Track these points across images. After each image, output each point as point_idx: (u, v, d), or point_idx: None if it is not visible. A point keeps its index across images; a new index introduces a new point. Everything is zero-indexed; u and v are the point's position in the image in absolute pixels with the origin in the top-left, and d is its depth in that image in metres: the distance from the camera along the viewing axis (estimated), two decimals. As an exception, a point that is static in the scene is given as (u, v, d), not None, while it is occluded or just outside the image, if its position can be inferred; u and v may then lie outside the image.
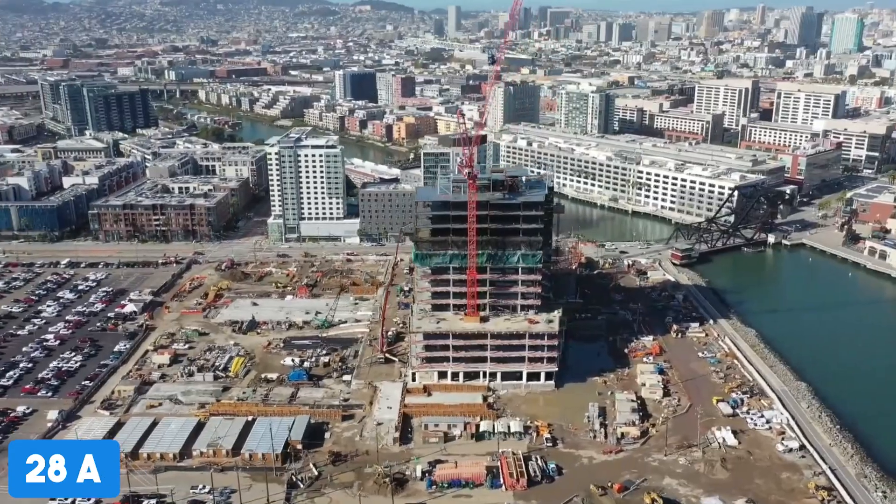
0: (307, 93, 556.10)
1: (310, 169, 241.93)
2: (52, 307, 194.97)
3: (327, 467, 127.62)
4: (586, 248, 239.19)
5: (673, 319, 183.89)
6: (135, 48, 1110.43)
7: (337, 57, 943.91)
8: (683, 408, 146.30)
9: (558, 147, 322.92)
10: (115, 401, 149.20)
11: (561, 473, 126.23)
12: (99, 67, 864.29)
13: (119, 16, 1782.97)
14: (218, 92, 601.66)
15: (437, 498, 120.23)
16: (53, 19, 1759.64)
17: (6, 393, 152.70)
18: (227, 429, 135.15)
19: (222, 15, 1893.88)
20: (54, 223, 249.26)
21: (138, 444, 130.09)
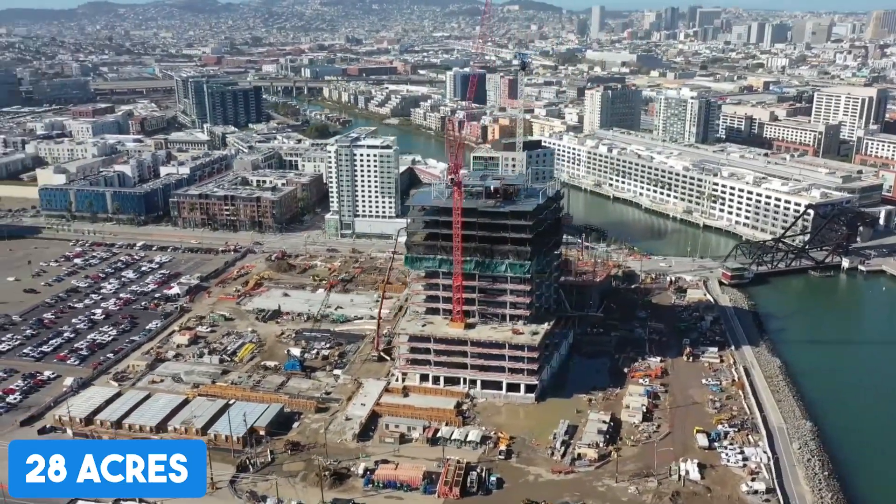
0: (421, 92, 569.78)
1: (364, 168, 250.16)
2: (112, 285, 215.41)
3: (283, 455, 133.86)
4: (634, 260, 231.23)
5: (691, 342, 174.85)
6: (285, 46, 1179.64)
7: (468, 56, 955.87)
8: (660, 434, 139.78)
9: (638, 155, 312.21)
10: (127, 374, 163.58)
11: (501, 487, 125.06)
12: (247, 64, 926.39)
13: (281, 15, 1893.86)
14: (340, 90, 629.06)
15: (370, 496, 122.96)
16: (223, 19, 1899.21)
17: (43, 358, 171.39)
18: (206, 409, 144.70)
19: (376, 14, 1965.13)
20: (141, 208, 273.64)
21: (124, 416, 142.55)
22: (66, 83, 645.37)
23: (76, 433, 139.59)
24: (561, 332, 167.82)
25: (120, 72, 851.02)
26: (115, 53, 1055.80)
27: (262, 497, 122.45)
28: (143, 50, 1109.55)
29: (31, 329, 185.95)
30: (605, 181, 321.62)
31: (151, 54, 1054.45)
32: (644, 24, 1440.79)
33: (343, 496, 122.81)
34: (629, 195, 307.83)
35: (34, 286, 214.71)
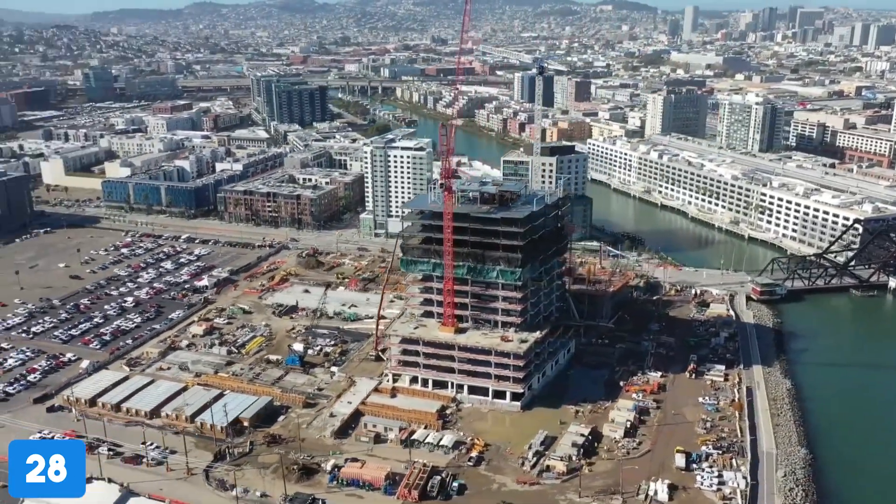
0: (489, 93, 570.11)
1: (398, 168, 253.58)
2: (150, 274, 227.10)
3: (261, 447, 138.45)
4: (664, 270, 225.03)
5: (698, 358, 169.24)
6: (371, 46, 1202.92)
7: (549, 57, 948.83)
8: (639, 452, 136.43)
9: (688, 162, 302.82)
10: (140, 360, 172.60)
11: (462, 493, 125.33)
12: (331, 64, 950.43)
13: (373, 15, 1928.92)
14: (412, 90, 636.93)
15: (332, 493, 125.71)
16: (318, 18, 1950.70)
17: (70, 341, 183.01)
18: (200, 398, 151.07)
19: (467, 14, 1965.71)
20: (191, 202, 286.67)
21: (124, 399, 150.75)
22: (155, 80, 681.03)
23: (80, 413, 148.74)
24: (559, 342, 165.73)
25: (210, 70, 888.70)
26: (210, 52, 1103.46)
27: (230, 486, 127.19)
28: (235, 49, 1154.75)
29: (67, 313, 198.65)
30: (655, 188, 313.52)
31: (243, 53, 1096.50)
32: (740, 25, 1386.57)
33: (307, 490, 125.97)
34: (677, 203, 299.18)
35: (80, 273, 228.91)
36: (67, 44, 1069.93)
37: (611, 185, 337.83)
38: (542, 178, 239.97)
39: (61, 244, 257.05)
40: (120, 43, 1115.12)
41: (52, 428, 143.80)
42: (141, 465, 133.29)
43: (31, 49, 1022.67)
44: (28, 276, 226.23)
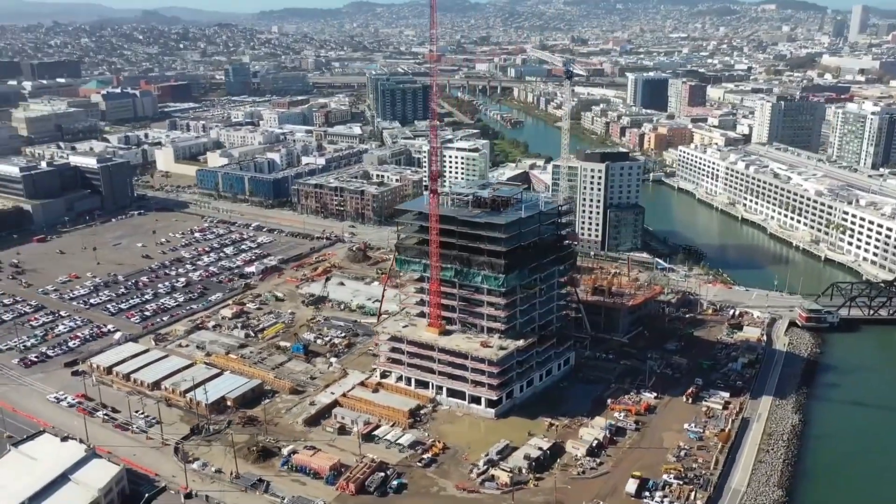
0: (601, 95, 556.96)
1: (453, 168, 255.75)
2: (210, 258, 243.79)
3: (237, 426, 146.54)
4: (714, 287, 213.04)
5: (704, 383, 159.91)
6: (508, 46, 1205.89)
7: (688, 59, 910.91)
8: (596, 472, 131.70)
9: (774, 174, 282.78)
10: (167, 336, 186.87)
11: (399, 492, 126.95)
12: (463, 63, 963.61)
13: (521, 15, 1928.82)
14: (527, 91, 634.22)
15: (279, 476, 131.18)
16: (468, 18, 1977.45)
17: (118, 314, 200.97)
18: (199, 375, 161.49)
19: (618, 14, 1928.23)
20: (270, 193, 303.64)
21: (134, 371, 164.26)
22: (288, 76, 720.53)
23: (97, 380, 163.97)
24: (553, 352, 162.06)
25: (347, 67, 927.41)
26: (352, 50, 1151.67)
27: (193, 459, 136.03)
28: (377, 47, 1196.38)
29: (125, 288, 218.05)
30: (739, 200, 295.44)
31: (382, 51, 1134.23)
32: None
33: (260, 472, 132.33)
34: (758, 218, 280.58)
35: (152, 253, 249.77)
36: (225, 41, 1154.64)
37: (696, 195, 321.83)
38: (591, 185, 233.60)
39: (147, 226, 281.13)
40: (272, 40, 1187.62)
41: (67, 391, 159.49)
42: (126, 432, 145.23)
43: (193, 45, 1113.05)
44: (108, 252, 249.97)
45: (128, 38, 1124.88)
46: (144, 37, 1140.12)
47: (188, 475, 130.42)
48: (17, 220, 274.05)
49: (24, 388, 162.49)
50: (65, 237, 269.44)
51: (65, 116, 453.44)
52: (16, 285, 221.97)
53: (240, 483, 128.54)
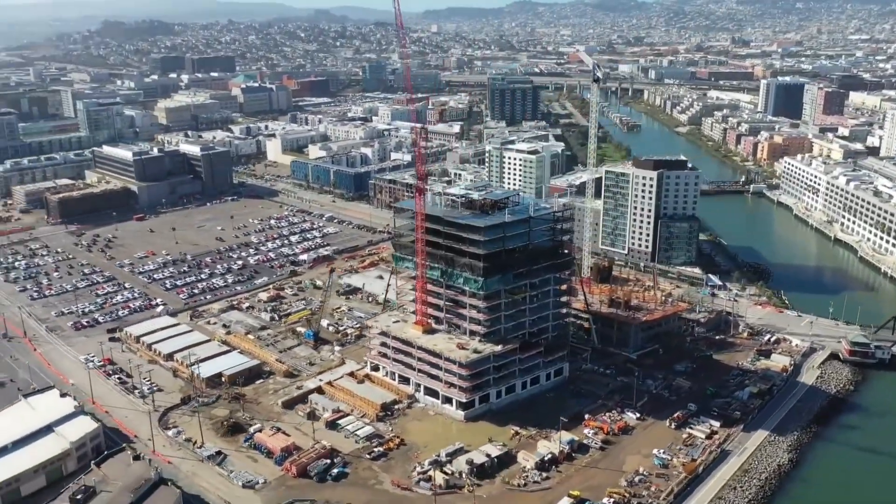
0: (729, 100, 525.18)
1: (511, 171, 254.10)
2: (274, 244, 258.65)
3: (223, 400, 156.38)
4: (764, 310, 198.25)
5: (697, 409, 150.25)
6: (662, 46, 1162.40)
7: (855, 62, 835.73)
8: (537, 486, 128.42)
9: (874, 192, 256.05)
10: (203, 313, 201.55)
11: (338, 480, 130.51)
12: (607, 63, 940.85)
13: (688, 14, 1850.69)
14: (656, 94, 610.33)
15: (237, 451, 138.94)
16: (630, 17, 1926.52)
17: (172, 289, 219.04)
18: (209, 351, 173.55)
19: (797, 14, 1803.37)
20: (351, 186, 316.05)
21: (157, 342, 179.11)
22: (423, 74, 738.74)
23: (126, 346, 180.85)
24: (541, 361, 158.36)
25: (488, 66, 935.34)
26: (499, 49, 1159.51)
27: (172, 425, 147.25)
28: (523, 46, 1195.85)
29: (188, 267, 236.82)
30: (837, 219, 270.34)
31: (528, 51, 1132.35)
32: None
33: (222, 444, 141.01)
34: (853, 239, 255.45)
35: (225, 236, 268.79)
36: (379, 39, 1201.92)
37: (794, 210, 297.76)
38: (642, 194, 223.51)
39: (234, 211, 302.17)
40: (423, 39, 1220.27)
41: (99, 354, 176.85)
42: (130, 396, 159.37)
43: (348, 43, 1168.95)
44: (189, 233, 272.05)
45: (291, 35, 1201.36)
46: (306, 35, 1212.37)
47: (161, 440, 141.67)
48: (125, 200, 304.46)
49: (66, 348, 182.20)
50: (161, 217, 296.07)
51: (200, 107, 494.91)
52: (101, 257, 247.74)
53: (199, 453, 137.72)
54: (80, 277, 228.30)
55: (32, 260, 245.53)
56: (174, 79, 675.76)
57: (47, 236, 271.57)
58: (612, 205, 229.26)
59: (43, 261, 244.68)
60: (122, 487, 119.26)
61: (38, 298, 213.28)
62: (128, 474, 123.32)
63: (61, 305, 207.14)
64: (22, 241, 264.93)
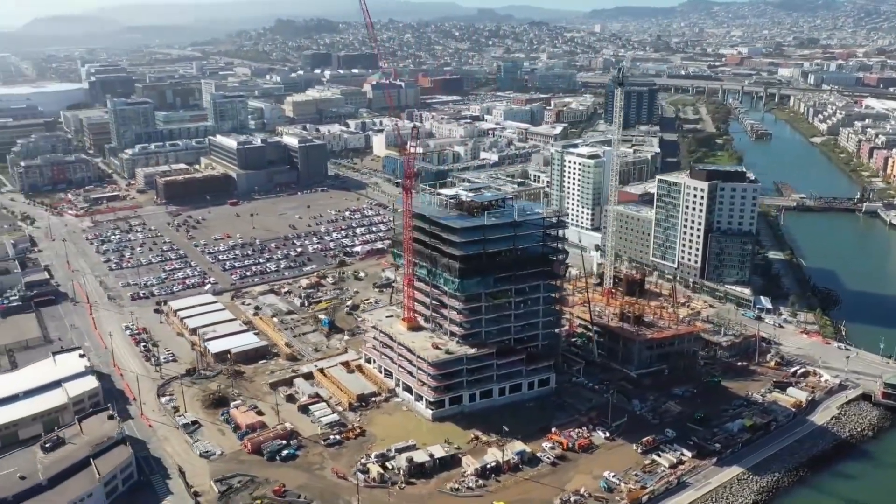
0: (878, 110, 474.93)
1: (570, 175, 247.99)
2: (338, 234, 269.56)
3: (222, 376, 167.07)
4: (806, 339, 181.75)
5: (672, 436, 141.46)
6: (836, 49, 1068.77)
7: None
8: (470, 492, 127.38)
9: None
10: (242, 294, 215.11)
11: (287, 461, 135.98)
12: (767, 66, 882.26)
13: (882, 14, 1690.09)
14: (802, 100, 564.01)
15: (214, 424, 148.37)
16: (814, 17, 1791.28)
17: (229, 270, 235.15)
18: (228, 329, 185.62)
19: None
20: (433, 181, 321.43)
21: (188, 316, 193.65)
22: (558, 74, 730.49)
23: (165, 319, 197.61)
24: (523, 369, 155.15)
25: (636, 68, 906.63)
26: (654, 50, 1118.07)
27: (169, 393, 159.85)
28: (681, 48, 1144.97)
29: (252, 251, 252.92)
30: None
31: (685, 52, 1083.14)
32: None
33: (201, 415, 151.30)
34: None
35: (298, 224, 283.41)
36: (531, 38, 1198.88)
37: None
38: (693, 206, 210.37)
39: (319, 201, 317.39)
40: (575, 39, 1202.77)
41: (138, 323, 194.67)
42: (147, 363, 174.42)
43: (500, 43, 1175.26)
44: (268, 219, 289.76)
45: (446, 34, 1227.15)
46: (461, 34, 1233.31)
47: (152, 406, 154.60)
48: (224, 185, 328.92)
49: (117, 315, 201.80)
50: (253, 203, 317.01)
51: (325, 102, 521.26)
52: (183, 237, 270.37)
53: (177, 421, 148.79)
54: (157, 253, 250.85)
55: (126, 235, 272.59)
56: (318, 74, 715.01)
57: (149, 215, 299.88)
58: (664, 215, 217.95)
59: (134, 236, 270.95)
60: (86, 442, 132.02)
61: (114, 269, 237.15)
62: (98, 431, 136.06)
63: (130, 277, 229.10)
64: (126, 218, 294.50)
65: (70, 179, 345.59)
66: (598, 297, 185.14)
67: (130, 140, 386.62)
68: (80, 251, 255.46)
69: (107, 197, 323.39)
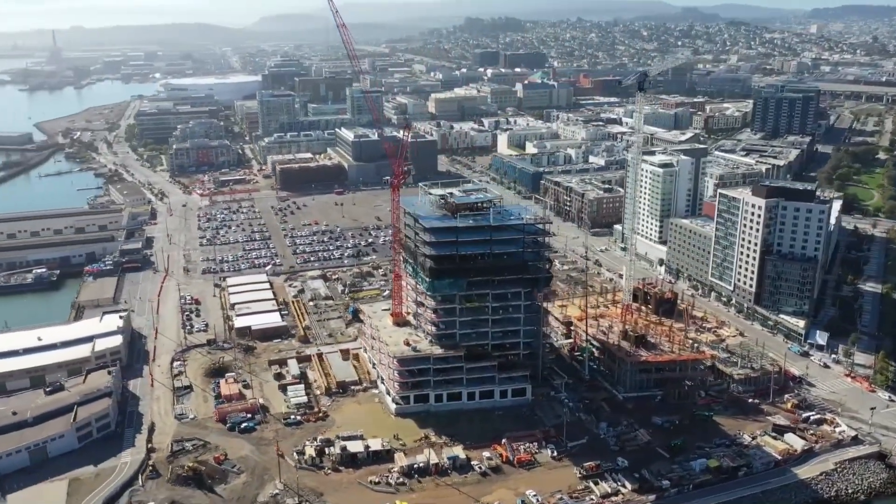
0: None
1: (645, 183, 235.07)
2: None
3: (236, 349, 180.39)
4: (849, 383, 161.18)
5: (622, 466, 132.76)
6: None
7: None
8: (388, 487, 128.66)
9: None
10: (296, 277, 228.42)
11: (245, 432, 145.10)
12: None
13: None
14: None
15: (205, 391, 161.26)
16: None
17: (300, 253, 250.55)
18: (261, 307, 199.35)
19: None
20: (529, 184, 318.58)
21: (235, 293, 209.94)
22: (729, 78, 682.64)
23: (219, 292, 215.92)
24: (496, 376, 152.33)
25: (837, 73, 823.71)
26: (864, 53, 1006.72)
27: (183, 359, 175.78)
28: None
29: (328, 238, 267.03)
30: None
31: None
32: None
33: (198, 382, 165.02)
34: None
35: (385, 217, 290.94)
36: (724, 39, 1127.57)
37: None
38: (749, 224, 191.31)
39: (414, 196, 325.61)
40: (775, 40, 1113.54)
41: (191, 293, 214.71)
42: (183, 329, 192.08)
43: (690, 43, 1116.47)
44: (361, 210, 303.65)
45: (633, 34, 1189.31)
46: (649, 34, 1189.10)
47: (162, 370, 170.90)
48: (336, 175, 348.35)
49: (183, 285, 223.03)
50: (357, 193, 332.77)
51: (467, 100, 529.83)
52: (277, 220, 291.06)
53: (174, 384, 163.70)
54: (247, 233, 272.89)
55: (231, 215, 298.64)
56: (480, 72, 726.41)
57: (261, 198, 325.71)
58: (723, 233, 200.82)
59: (237, 217, 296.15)
60: (78, 391, 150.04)
61: (204, 245, 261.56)
62: (96, 384, 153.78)
63: (212, 253, 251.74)
64: (240, 200, 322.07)
65: (212, 162, 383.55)
66: (613, 312, 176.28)
67: (274, 129, 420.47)
68: (186, 226, 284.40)
69: (234, 180, 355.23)
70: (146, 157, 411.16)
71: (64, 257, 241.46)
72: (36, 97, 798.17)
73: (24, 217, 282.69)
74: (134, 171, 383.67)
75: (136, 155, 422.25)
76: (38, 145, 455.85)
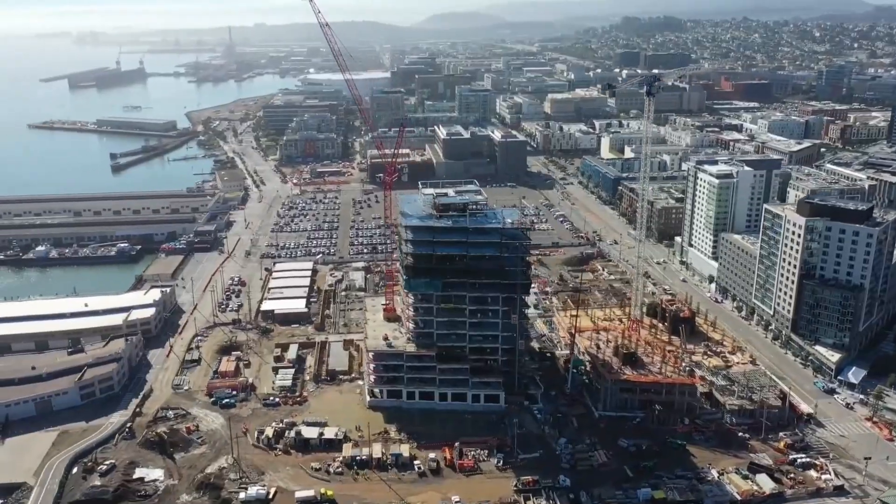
0: None
1: (701, 195, 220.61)
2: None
3: (255, 330, 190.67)
4: (867, 429, 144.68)
5: (562, 485, 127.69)
6: None
7: None
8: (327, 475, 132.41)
9: None
10: (341, 267, 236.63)
11: (224, 408, 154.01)
12: None
13: None
14: None
15: (209, 364, 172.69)
16: None
17: (353, 245, 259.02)
18: (295, 293, 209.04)
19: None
20: (609, 189, 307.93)
21: (276, 277, 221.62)
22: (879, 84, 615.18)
23: (266, 276, 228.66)
24: (469, 379, 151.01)
25: None
26: None
27: (204, 335, 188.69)
28: None
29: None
30: None
31: None
32: None
33: (209, 357, 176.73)
34: None
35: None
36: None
37: None
38: (789, 244, 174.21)
39: (498, 195, 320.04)
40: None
41: (243, 275, 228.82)
42: (216, 309, 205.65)
43: (869, 45, 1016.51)
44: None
45: (804, 34, 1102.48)
46: (822, 34, 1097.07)
47: (182, 343, 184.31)
48: (425, 170, 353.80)
49: (239, 266, 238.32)
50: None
51: (585, 101, 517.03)
52: (352, 212, 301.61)
53: (184, 357, 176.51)
54: (319, 223, 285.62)
55: (313, 204, 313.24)
56: (616, 73, 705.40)
57: (347, 190, 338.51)
58: (767, 252, 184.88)
59: (317, 206, 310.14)
60: (92, 354, 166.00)
61: (276, 231, 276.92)
62: (111, 349, 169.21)
63: (281, 239, 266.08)
64: (328, 191, 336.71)
65: (318, 154, 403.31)
66: (621, 326, 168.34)
67: (383, 124, 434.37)
68: (269, 213, 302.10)
69: (330, 171, 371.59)
70: (264, 147, 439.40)
71: (147, 234, 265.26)
72: (202, 88, 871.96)
73: (129, 196, 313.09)
74: (248, 158, 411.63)
75: (256, 144, 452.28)
76: (179, 132, 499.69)
